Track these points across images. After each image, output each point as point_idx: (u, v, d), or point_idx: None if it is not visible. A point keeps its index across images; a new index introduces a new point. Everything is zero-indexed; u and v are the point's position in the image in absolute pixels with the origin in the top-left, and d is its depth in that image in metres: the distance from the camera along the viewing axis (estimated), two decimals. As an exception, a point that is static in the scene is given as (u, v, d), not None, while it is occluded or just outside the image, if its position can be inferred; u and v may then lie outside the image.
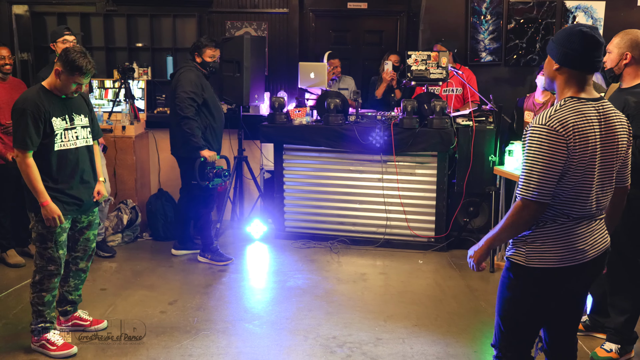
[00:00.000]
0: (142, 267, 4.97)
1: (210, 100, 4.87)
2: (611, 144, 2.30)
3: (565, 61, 2.27)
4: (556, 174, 2.20)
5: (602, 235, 2.40)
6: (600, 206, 2.36)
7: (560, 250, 2.29)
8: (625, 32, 3.34)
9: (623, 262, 3.41)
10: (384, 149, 5.25)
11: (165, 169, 6.29)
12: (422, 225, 5.43)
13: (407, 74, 5.47)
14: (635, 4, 6.01)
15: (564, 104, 2.26)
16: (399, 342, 3.71)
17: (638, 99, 3.21)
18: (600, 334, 3.71)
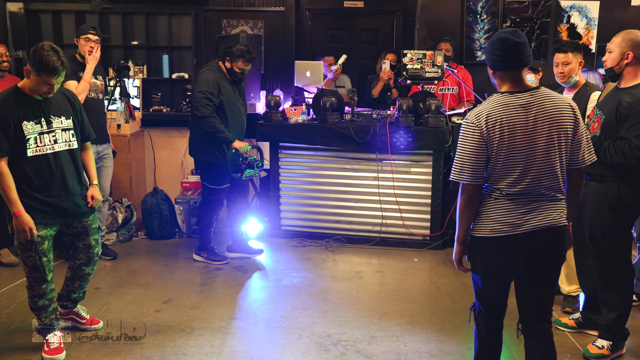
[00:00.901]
0: (137, 266, 4.97)
1: (227, 103, 4.72)
2: (545, 129, 2.58)
3: (494, 66, 2.65)
4: (480, 158, 2.59)
5: (545, 213, 2.62)
6: (543, 186, 2.61)
7: (492, 221, 2.64)
8: (626, 32, 3.35)
9: (615, 259, 3.43)
10: (379, 148, 5.26)
11: (161, 167, 6.29)
12: (418, 224, 5.44)
13: (403, 73, 5.48)
14: (629, 4, 6.03)
15: (488, 100, 2.66)
16: (393, 339, 3.72)
17: (633, 99, 3.22)
18: (592, 331, 3.73)
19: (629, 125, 3.20)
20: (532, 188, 2.60)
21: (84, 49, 4.72)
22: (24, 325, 3.74)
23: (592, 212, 3.43)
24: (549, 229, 2.62)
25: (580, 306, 4.02)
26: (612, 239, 3.40)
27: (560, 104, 2.61)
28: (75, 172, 3.40)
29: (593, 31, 6.17)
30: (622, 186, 3.30)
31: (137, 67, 6.41)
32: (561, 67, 3.97)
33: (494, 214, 2.63)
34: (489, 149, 2.58)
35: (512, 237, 2.61)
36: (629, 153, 3.17)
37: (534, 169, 2.59)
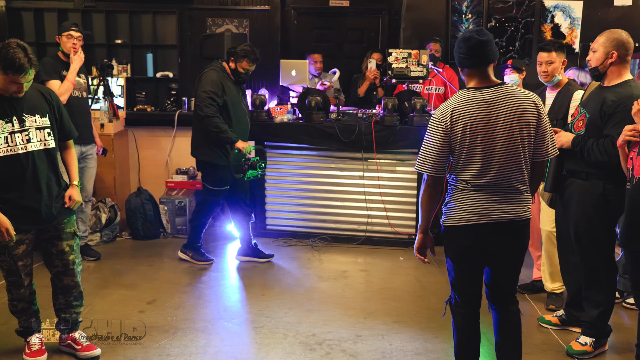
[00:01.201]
0: (121, 267, 4.93)
1: (231, 104, 4.66)
2: (508, 123, 2.70)
3: (460, 63, 2.81)
4: (442, 152, 2.75)
5: (511, 206, 2.76)
6: (507, 178, 2.73)
7: (460, 211, 2.78)
8: (610, 31, 3.37)
9: (599, 256, 3.45)
10: (365, 147, 5.26)
11: (146, 167, 6.25)
12: (403, 222, 5.45)
13: (388, 72, 5.49)
14: (611, 4, 6.08)
15: (454, 96, 2.80)
16: (378, 338, 3.72)
17: (617, 97, 3.24)
18: (575, 328, 3.76)
19: (613, 123, 3.22)
20: (496, 180, 2.73)
21: (67, 46, 4.67)
22: (6, 327, 3.69)
23: (577, 210, 3.45)
24: (514, 221, 2.76)
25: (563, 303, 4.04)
26: (597, 237, 3.42)
27: (524, 100, 2.73)
28: (52, 172, 3.24)
29: (577, 31, 6.21)
30: (607, 184, 3.32)
31: (120, 66, 6.36)
32: (544, 66, 3.99)
33: (462, 204, 2.77)
34: (452, 143, 2.74)
35: (480, 226, 2.75)
36: (612, 150, 3.19)
37: (497, 162, 2.72)
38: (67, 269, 3.36)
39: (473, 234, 2.78)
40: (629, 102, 3.15)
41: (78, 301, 3.47)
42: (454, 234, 2.83)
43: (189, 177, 6.06)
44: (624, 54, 3.30)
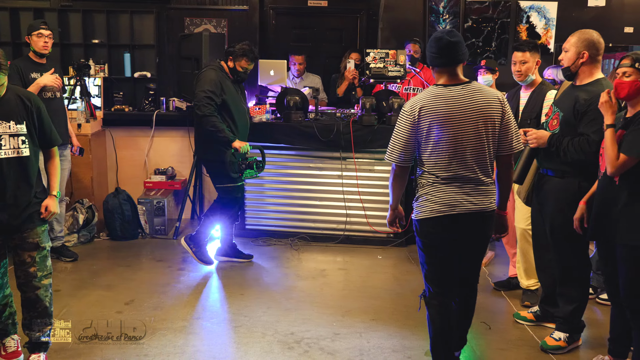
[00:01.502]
0: (99, 267, 4.90)
1: (231, 103, 4.65)
2: (473, 119, 2.86)
3: (431, 62, 2.97)
4: (409, 144, 2.92)
5: (478, 198, 2.92)
6: (472, 171, 2.89)
7: (431, 203, 2.93)
8: (581, 31, 3.43)
9: (573, 253, 3.51)
10: (343, 146, 5.29)
11: (124, 167, 6.22)
12: (382, 221, 5.47)
13: (366, 72, 5.52)
14: (585, 4, 6.18)
15: (424, 91, 2.96)
16: (356, 336, 3.75)
17: (589, 96, 3.30)
18: (549, 324, 3.82)
19: (587, 121, 3.28)
20: (463, 173, 2.90)
21: (39, 45, 4.61)
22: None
23: (553, 207, 3.51)
24: (479, 212, 2.92)
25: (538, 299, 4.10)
26: (572, 234, 3.47)
27: (488, 97, 2.90)
28: (23, 181, 3.10)
29: (551, 31, 6.30)
30: (583, 182, 3.38)
31: (98, 66, 6.32)
32: (519, 65, 4.05)
33: (433, 197, 2.93)
34: (419, 136, 2.91)
35: (450, 217, 2.91)
36: (588, 148, 3.25)
37: (464, 155, 2.88)
38: (28, 282, 3.17)
39: (443, 226, 2.93)
40: None
41: (44, 318, 3.26)
42: (426, 226, 2.97)
43: (167, 178, 6.04)
44: (594, 54, 3.36)
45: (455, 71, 2.93)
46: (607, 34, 5.96)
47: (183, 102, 6.15)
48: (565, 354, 3.57)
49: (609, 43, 6.05)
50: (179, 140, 6.27)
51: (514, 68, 4.09)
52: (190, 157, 6.11)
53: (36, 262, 3.17)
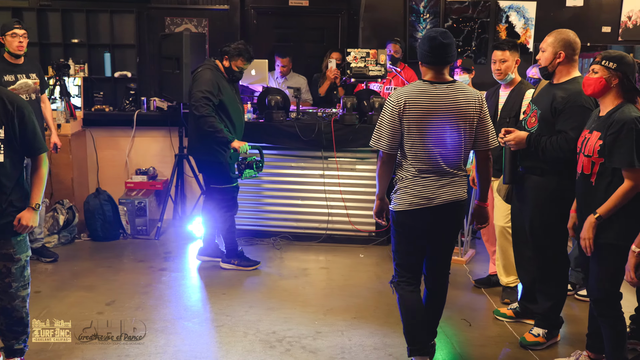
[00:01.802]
0: (80, 268, 4.87)
1: (228, 103, 4.61)
2: (453, 116, 3.04)
3: (422, 59, 3.10)
4: (395, 132, 3.04)
5: (452, 189, 3.11)
6: (449, 165, 3.08)
7: (409, 197, 3.09)
8: (557, 31, 3.47)
9: (552, 250, 3.56)
10: (324, 146, 5.30)
11: (104, 167, 6.17)
12: (363, 220, 5.51)
13: (347, 71, 5.54)
14: (564, 4, 6.25)
15: (411, 84, 3.13)
16: (338, 334, 3.77)
17: (566, 94, 3.35)
18: (529, 320, 3.86)
19: (565, 118, 3.33)
20: (440, 166, 3.07)
21: (13, 45, 4.55)
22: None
23: (532, 205, 3.55)
24: (454, 202, 3.12)
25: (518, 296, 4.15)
26: (551, 231, 3.52)
27: (469, 96, 3.08)
28: None
29: (531, 31, 6.37)
30: (562, 179, 3.42)
31: (77, 66, 6.27)
32: (498, 64, 4.09)
33: (410, 189, 3.09)
34: (402, 126, 3.04)
35: (427, 209, 3.08)
36: (566, 146, 3.29)
37: (442, 150, 3.06)
38: (3, 290, 3.08)
39: (419, 217, 3.10)
40: (578, 98, 3.27)
41: (18, 327, 3.17)
42: (404, 217, 3.13)
43: (148, 178, 6.02)
44: (571, 54, 3.41)
45: (443, 70, 3.09)
46: (585, 34, 6.07)
47: (164, 102, 6.13)
48: (544, 349, 3.62)
49: (587, 42, 6.13)
50: (161, 140, 6.24)
51: (493, 67, 4.13)
52: (172, 157, 6.09)
53: (11, 274, 3.06)
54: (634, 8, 6.12)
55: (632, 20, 6.14)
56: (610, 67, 2.97)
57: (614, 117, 2.94)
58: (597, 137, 2.98)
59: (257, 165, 4.74)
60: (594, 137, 3.01)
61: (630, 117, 2.89)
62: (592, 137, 3.02)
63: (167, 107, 6.13)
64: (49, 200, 5.42)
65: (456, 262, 5.06)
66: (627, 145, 2.86)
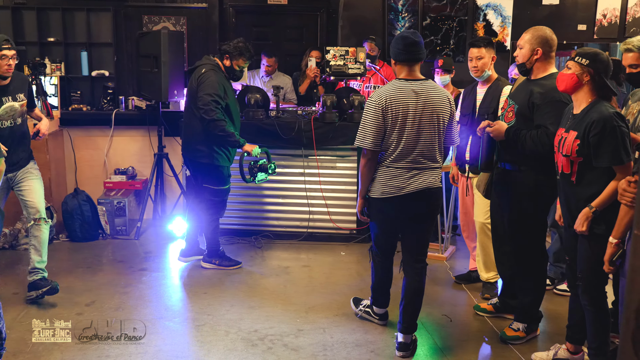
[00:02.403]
0: (58, 269, 4.80)
1: (231, 105, 4.58)
2: (428, 113, 3.32)
3: (396, 57, 3.37)
4: (379, 130, 3.31)
5: (423, 177, 3.37)
6: (424, 157, 3.35)
7: (381, 186, 3.38)
8: (534, 28, 3.51)
9: (531, 245, 3.59)
10: (305, 144, 5.30)
11: (82, 167, 6.11)
12: (344, 218, 5.52)
13: (326, 69, 5.55)
14: (540, 2, 6.31)
15: (389, 83, 3.38)
16: (319, 332, 3.77)
17: (543, 90, 3.39)
18: (509, 315, 3.90)
19: (543, 113, 3.36)
20: (416, 158, 3.34)
21: (2, 68, 3.92)
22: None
23: (510, 200, 3.58)
24: (427, 190, 3.37)
25: (497, 292, 4.19)
26: (529, 226, 3.56)
27: (441, 95, 3.38)
28: None
29: (508, 29, 6.42)
30: (539, 174, 3.46)
31: (54, 65, 6.19)
32: (475, 61, 4.13)
33: (385, 179, 3.37)
34: (385, 123, 3.30)
35: (397, 197, 3.36)
36: (547, 140, 3.32)
37: (418, 143, 3.33)
38: None
39: (393, 205, 3.39)
40: (555, 93, 3.31)
41: None
42: (380, 205, 3.43)
43: (127, 177, 5.97)
44: (548, 50, 3.45)
45: (415, 67, 3.37)
46: (561, 32, 6.14)
47: (142, 101, 6.08)
48: (524, 344, 3.66)
49: (563, 40, 6.20)
50: (139, 140, 6.19)
51: (470, 64, 4.17)
52: (151, 156, 6.04)
53: None
54: (609, 6, 6.21)
55: (607, 19, 6.23)
56: (582, 63, 3.00)
57: (590, 116, 2.95)
58: (574, 136, 3.00)
59: (270, 168, 4.71)
60: (570, 137, 3.02)
61: (609, 114, 2.90)
62: (569, 137, 3.04)
63: (145, 106, 6.08)
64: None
65: (437, 259, 5.10)
66: (613, 144, 2.88)
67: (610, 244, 2.82)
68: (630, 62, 3.45)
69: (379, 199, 3.40)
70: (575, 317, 3.32)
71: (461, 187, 4.51)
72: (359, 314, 3.96)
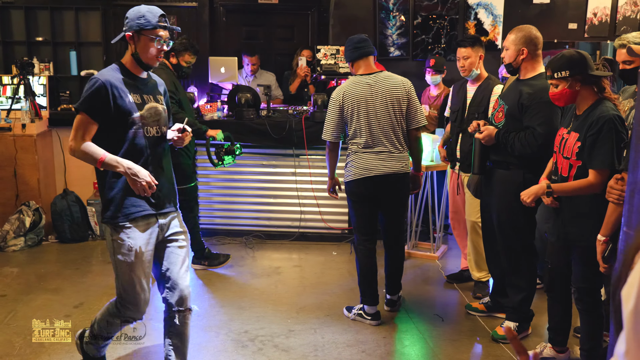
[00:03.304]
0: (47, 271, 4.76)
1: (184, 102, 4.58)
2: (384, 102, 3.70)
3: (350, 58, 3.82)
4: (338, 124, 3.79)
5: (390, 163, 3.74)
6: (385, 142, 3.72)
7: (354, 169, 3.77)
8: (518, 28, 3.50)
9: (520, 244, 3.58)
10: (296, 143, 5.28)
11: (72, 168, 6.05)
12: (336, 218, 5.50)
13: (317, 68, 5.52)
14: (531, 2, 6.30)
15: (347, 81, 3.83)
16: (310, 332, 3.74)
17: (532, 90, 3.38)
18: (500, 314, 3.89)
19: (532, 114, 3.35)
20: (377, 143, 3.71)
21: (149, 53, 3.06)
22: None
23: (499, 199, 3.57)
24: (393, 174, 3.74)
25: (489, 291, 4.18)
26: (518, 224, 3.55)
27: (396, 82, 3.74)
28: None
29: (499, 27, 6.41)
30: (527, 173, 3.45)
31: (42, 64, 6.13)
32: (462, 61, 4.13)
33: (356, 163, 3.76)
34: (345, 116, 3.76)
35: (368, 179, 3.73)
36: (534, 141, 3.31)
37: (377, 129, 3.70)
38: None
39: (363, 185, 3.74)
40: (543, 94, 3.29)
41: None
42: (352, 186, 3.81)
43: (117, 178, 5.90)
44: (533, 49, 3.44)
45: (369, 63, 3.77)
46: (552, 31, 6.16)
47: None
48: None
49: (554, 39, 6.20)
50: (129, 140, 6.13)
51: (458, 64, 4.17)
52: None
53: None
54: (599, 5, 6.21)
55: (598, 17, 6.23)
56: (565, 76, 2.94)
57: (593, 115, 2.91)
58: (576, 138, 2.96)
59: (236, 150, 4.66)
60: (572, 138, 2.98)
61: (609, 116, 2.84)
62: (570, 138, 3.00)
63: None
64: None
65: (428, 258, 5.08)
66: (607, 146, 2.83)
67: (598, 242, 2.81)
68: (625, 58, 3.43)
69: (353, 181, 3.78)
70: (554, 319, 3.34)
71: (452, 185, 4.50)
72: (352, 318, 3.97)
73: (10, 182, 5.41)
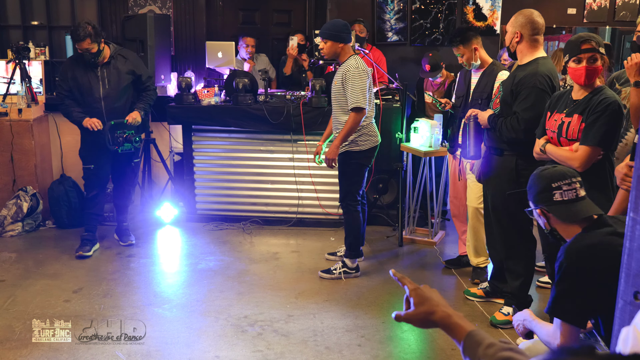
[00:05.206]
0: (45, 256, 4.76)
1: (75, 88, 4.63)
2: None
3: (347, 40, 4.17)
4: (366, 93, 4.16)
5: None
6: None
7: (369, 137, 4.30)
8: (520, 12, 3.48)
9: (516, 229, 3.59)
10: (293, 129, 5.26)
11: (68, 153, 6.01)
12: (334, 203, 5.49)
13: (315, 53, 5.48)
14: (530, -14, 6.27)
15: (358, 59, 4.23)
16: (309, 317, 3.76)
17: (523, 75, 3.37)
18: (499, 299, 3.91)
19: (519, 100, 3.36)
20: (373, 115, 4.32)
21: None
22: None
23: (493, 184, 3.59)
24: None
25: (487, 276, 4.20)
26: (512, 210, 3.55)
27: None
28: None
29: (497, 12, 6.38)
30: (519, 159, 3.46)
31: (38, 49, 6.08)
32: (459, 58, 4.13)
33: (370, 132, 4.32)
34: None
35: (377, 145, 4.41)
36: (517, 126, 3.32)
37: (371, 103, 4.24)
38: None
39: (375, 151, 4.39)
40: (532, 79, 3.29)
41: None
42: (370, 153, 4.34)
43: (114, 163, 5.88)
44: (528, 34, 3.40)
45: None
46: (551, 15, 6.12)
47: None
48: (514, 328, 3.66)
49: (553, 24, 6.18)
50: (126, 125, 6.10)
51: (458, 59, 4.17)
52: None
53: None
54: (598, -10, 6.19)
55: (597, 2, 6.20)
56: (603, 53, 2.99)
57: (596, 99, 2.95)
58: (580, 120, 2.97)
59: (135, 140, 4.72)
60: (575, 120, 2.99)
61: (614, 99, 2.92)
62: (573, 120, 3.00)
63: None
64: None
65: (426, 244, 5.10)
66: (605, 127, 2.89)
67: None
68: None
69: (372, 148, 4.30)
70: None
71: (452, 171, 4.50)
72: (341, 277, 4.34)
73: (7, 167, 5.39)
